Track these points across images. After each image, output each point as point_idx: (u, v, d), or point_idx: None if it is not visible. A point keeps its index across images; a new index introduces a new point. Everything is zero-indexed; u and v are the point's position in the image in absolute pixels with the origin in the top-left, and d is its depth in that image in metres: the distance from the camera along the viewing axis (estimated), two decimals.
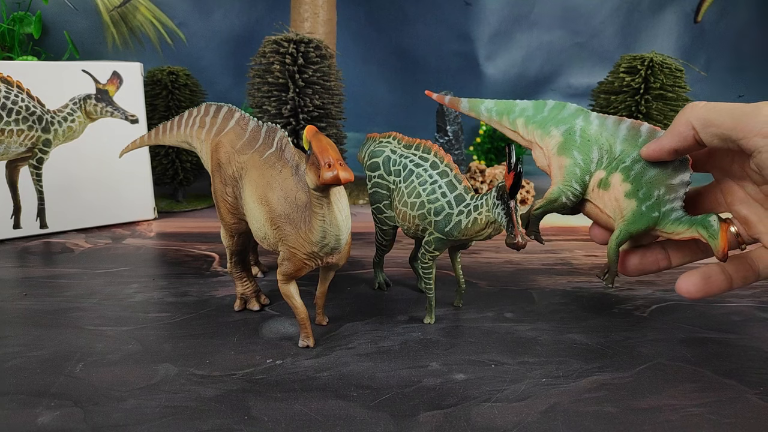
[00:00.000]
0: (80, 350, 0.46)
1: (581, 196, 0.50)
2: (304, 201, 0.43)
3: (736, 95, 1.36)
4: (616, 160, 0.48)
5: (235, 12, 1.25)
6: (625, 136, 0.49)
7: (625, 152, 0.48)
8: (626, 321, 0.53)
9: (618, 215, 0.48)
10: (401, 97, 1.31)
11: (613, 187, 0.48)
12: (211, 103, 0.55)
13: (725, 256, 0.42)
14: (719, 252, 0.42)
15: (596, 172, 0.49)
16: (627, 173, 0.47)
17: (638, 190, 0.46)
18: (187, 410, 0.38)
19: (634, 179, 0.47)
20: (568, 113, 0.51)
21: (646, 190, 0.46)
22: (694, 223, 0.44)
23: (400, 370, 0.43)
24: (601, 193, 0.49)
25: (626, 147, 0.48)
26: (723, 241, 0.42)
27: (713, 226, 0.43)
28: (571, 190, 0.49)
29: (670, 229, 0.45)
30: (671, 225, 0.45)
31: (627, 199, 0.47)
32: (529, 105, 0.54)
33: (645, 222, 0.46)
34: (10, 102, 0.73)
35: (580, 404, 0.39)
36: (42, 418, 0.37)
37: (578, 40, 1.30)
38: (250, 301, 0.54)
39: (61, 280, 0.61)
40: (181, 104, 0.92)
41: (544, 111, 0.53)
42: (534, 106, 0.54)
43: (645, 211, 0.46)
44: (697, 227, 0.44)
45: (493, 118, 0.56)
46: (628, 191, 0.47)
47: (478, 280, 0.63)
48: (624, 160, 0.48)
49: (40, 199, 0.77)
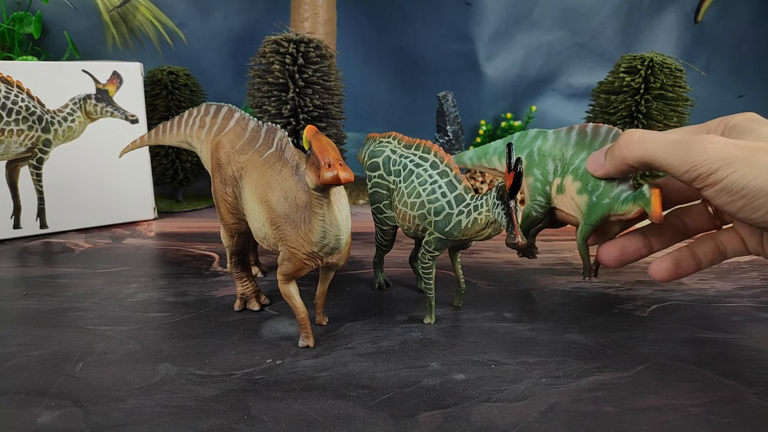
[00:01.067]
0: (80, 350, 0.46)
1: (548, 206, 0.54)
2: (304, 201, 0.43)
3: (736, 95, 1.36)
4: (567, 164, 0.53)
5: (235, 12, 1.25)
6: (575, 141, 0.53)
7: (575, 155, 0.52)
8: (626, 321, 0.53)
9: (578, 212, 0.52)
10: (401, 97, 1.31)
11: (568, 189, 0.52)
12: (211, 103, 0.55)
13: (660, 218, 0.45)
14: (654, 215, 0.45)
15: (554, 181, 0.54)
16: (576, 173, 0.51)
17: (587, 184, 0.50)
18: (187, 410, 0.38)
19: (582, 176, 0.50)
20: (529, 138, 0.56)
21: (594, 182, 0.50)
22: (635, 198, 0.47)
23: (400, 370, 0.43)
24: (561, 198, 0.53)
25: (576, 150, 0.53)
26: (656, 206, 0.45)
27: (646, 195, 0.46)
28: (536, 203, 0.54)
29: (622, 210, 0.48)
30: (621, 206, 0.48)
31: (579, 195, 0.51)
32: (500, 143, 0.60)
33: (600, 210, 0.49)
34: (10, 102, 0.73)
35: (579, 404, 0.39)
36: (42, 418, 0.37)
37: (578, 40, 1.30)
38: (250, 301, 0.54)
39: (61, 279, 0.61)
40: (181, 104, 0.92)
41: None
42: (503, 142, 0.60)
43: (596, 201, 0.49)
44: (636, 201, 0.47)
45: (476, 163, 0.62)
46: (579, 188, 0.51)
47: (478, 280, 0.63)
48: (573, 162, 0.52)
49: (40, 199, 0.77)
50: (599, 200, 0.49)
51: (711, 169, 0.37)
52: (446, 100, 1.08)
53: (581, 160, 0.51)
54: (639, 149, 0.42)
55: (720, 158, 0.37)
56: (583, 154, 0.51)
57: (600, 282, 0.63)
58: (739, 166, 0.37)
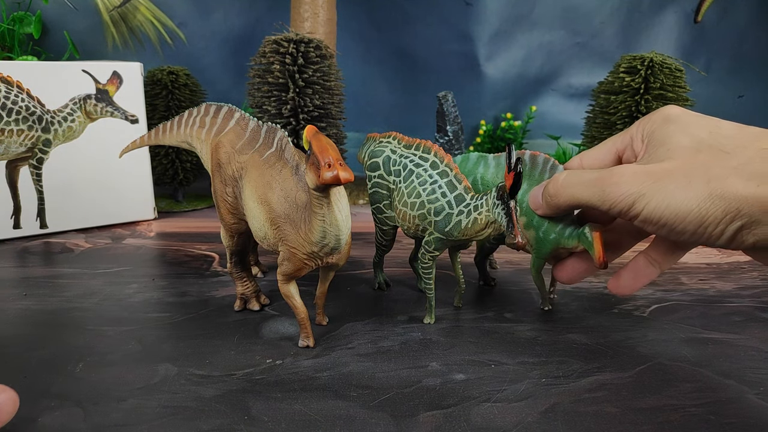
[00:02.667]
0: (80, 350, 0.46)
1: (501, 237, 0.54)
2: (304, 201, 0.43)
3: (736, 95, 1.36)
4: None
5: (235, 12, 1.25)
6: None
7: None
8: (626, 321, 0.53)
9: (529, 245, 0.52)
10: (401, 97, 1.31)
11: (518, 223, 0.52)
12: (211, 103, 0.55)
13: (604, 263, 0.45)
14: (597, 260, 0.45)
15: None
16: (520, 206, 0.50)
17: (532, 219, 0.50)
18: (187, 410, 0.38)
19: (526, 211, 0.50)
20: (471, 164, 0.56)
21: (537, 218, 0.49)
22: (578, 237, 0.47)
23: (400, 370, 0.43)
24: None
25: None
26: (598, 250, 0.45)
27: (588, 238, 0.46)
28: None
29: (569, 244, 0.48)
30: (567, 241, 0.48)
31: (527, 230, 0.51)
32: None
33: (548, 245, 0.50)
34: (10, 102, 0.72)
35: (580, 404, 0.39)
36: (42, 418, 0.37)
37: (578, 40, 1.30)
38: (250, 301, 0.54)
39: (61, 280, 0.61)
40: (181, 104, 0.92)
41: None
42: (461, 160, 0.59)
43: (543, 237, 0.50)
44: (581, 239, 0.47)
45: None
46: (525, 223, 0.50)
47: (478, 280, 0.63)
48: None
49: (40, 199, 0.77)
50: (546, 236, 0.49)
51: (627, 204, 0.38)
52: (446, 100, 1.08)
53: (523, 193, 0.50)
54: (566, 195, 0.43)
55: (632, 192, 0.37)
56: (525, 186, 0.51)
57: (600, 282, 0.63)
58: (650, 197, 0.37)
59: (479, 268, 0.61)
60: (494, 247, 0.59)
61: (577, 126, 1.05)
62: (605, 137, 0.81)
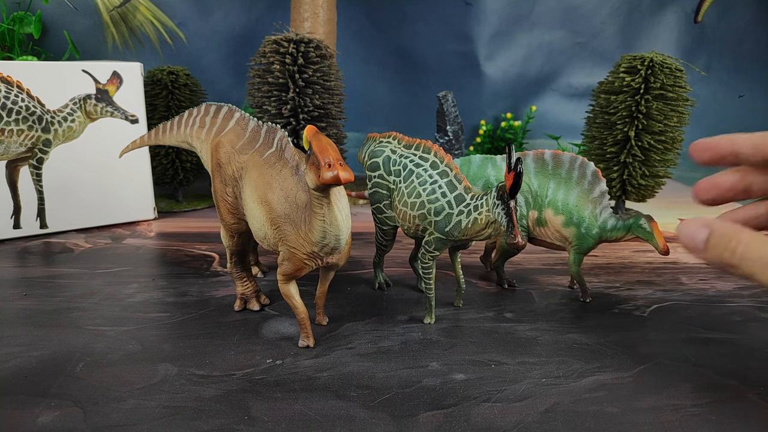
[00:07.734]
0: (80, 350, 0.46)
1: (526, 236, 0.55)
2: (304, 201, 0.43)
3: (737, 95, 1.36)
4: (539, 196, 0.53)
5: (235, 12, 1.25)
6: (535, 169, 0.53)
7: (542, 186, 0.53)
8: (626, 321, 0.53)
9: (566, 243, 0.53)
10: (401, 97, 1.31)
11: (550, 222, 0.53)
12: (211, 103, 0.55)
13: (667, 251, 0.47)
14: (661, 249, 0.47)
15: (529, 213, 0.54)
16: (555, 207, 0.52)
17: (571, 217, 0.51)
18: (187, 410, 0.38)
19: (563, 209, 0.51)
20: (476, 167, 0.56)
21: (578, 214, 0.51)
22: (630, 227, 0.49)
23: (400, 370, 0.43)
24: (543, 230, 0.54)
25: (541, 180, 0.53)
26: (660, 239, 0.47)
27: (646, 228, 0.48)
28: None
29: (613, 236, 0.50)
30: (612, 233, 0.50)
31: (566, 228, 0.52)
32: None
33: (590, 240, 0.51)
34: (10, 102, 0.72)
35: (580, 404, 0.39)
36: (42, 418, 0.37)
37: (578, 40, 1.30)
38: (250, 301, 0.54)
39: (61, 280, 0.61)
40: (181, 104, 0.92)
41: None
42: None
43: (585, 233, 0.51)
44: (633, 230, 0.49)
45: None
46: (564, 222, 0.52)
47: (478, 280, 0.63)
48: (546, 194, 0.53)
49: (40, 199, 0.77)
50: (588, 231, 0.50)
51: None
52: (446, 100, 1.08)
53: (553, 192, 0.51)
54: (747, 272, 0.31)
55: None
56: (552, 184, 0.52)
57: (600, 282, 0.63)
58: None
59: (498, 273, 0.61)
60: (515, 252, 0.59)
61: (577, 126, 1.05)
62: (605, 137, 0.81)
